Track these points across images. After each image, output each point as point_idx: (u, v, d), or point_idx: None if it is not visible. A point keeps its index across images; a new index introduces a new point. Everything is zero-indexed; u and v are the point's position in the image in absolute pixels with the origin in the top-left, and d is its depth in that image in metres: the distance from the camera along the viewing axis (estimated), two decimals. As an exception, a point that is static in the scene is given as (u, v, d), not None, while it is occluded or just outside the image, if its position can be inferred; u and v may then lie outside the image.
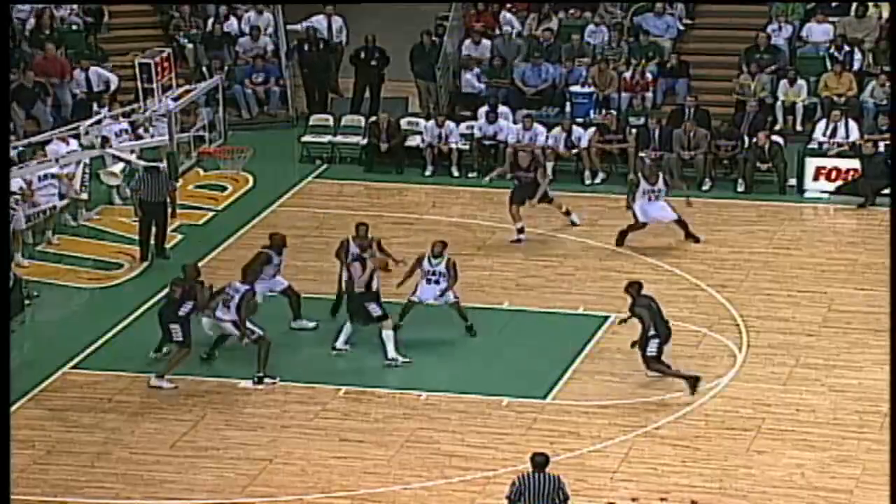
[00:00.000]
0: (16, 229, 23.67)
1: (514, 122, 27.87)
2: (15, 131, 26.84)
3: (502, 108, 28.19)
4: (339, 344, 21.15)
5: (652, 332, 19.77)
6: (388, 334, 20.82)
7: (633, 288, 20.21)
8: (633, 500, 17.71)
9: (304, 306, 21.86)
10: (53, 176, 24.38)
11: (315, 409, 19.96)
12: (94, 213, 26.09)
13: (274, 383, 20.45)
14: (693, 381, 19.73)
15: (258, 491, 18.11)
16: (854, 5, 29.46)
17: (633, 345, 20.12)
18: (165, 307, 20.80)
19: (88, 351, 21.60)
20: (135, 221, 24.81)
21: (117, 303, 23.10)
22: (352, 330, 21.09)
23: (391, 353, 20.76)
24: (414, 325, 21.51)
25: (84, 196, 25.41)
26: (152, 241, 24.33)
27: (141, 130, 25.68)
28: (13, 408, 19.99)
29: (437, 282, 21.26)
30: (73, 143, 25.06)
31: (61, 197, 24.79)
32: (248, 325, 20.38)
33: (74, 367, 21.19)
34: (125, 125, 25.90)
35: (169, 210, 24.31)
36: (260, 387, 20.41)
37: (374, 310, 20.77)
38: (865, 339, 21.39)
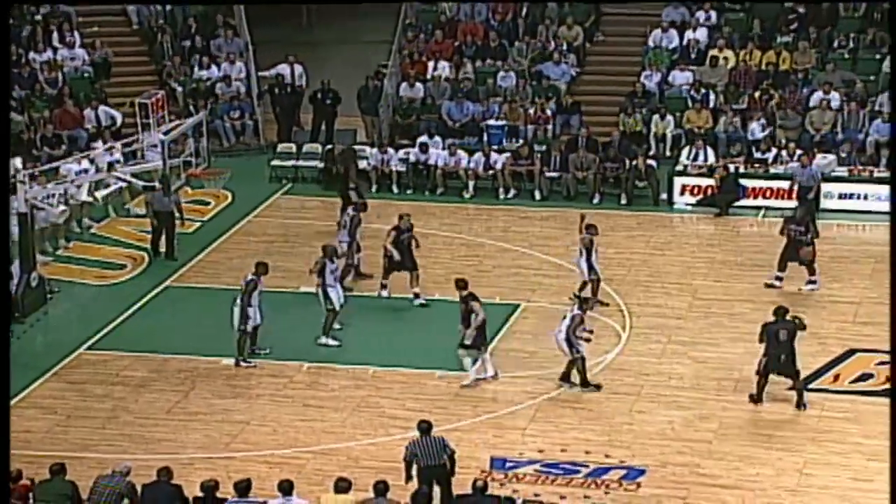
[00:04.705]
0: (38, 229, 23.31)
1: (443, 149, 27.86)
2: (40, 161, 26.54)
3: (435, 139, 28.16)
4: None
5: (763, 352, 18.36)
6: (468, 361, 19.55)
7: (777, 311, 18.63)
8: (540, 451, 17.73)
9: (274, 300, 21.64)
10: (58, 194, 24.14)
11: (284, 381, 19.86)
12: (102, 223, 25.79)
13: (252, 365, 20.21)
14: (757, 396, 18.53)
15: (238, 447, 18.02)
16: (708, 57, 29.62)
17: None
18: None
19: (100, 335, 21.39)
20: (140, 231, 24.78)
21: (122, 296, 22.85)
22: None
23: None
24: (367, 316, 21.41)
25: (90, 199, 25.02)
26: (162, 248, 24.22)
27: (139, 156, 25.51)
28: (39, 382, 19.86)
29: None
30: (85, 163, 24.95)
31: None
32: (247, 314, 19.99)
33: (88, 348, 20.99)
34: (118, 156, 25.62)
35: (177, 218, 24.21)
36: (243, 364, 20.21)
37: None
38: (722, 321, 21.49)
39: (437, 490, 15.71)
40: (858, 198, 25.79)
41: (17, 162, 22.14)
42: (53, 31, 30.62)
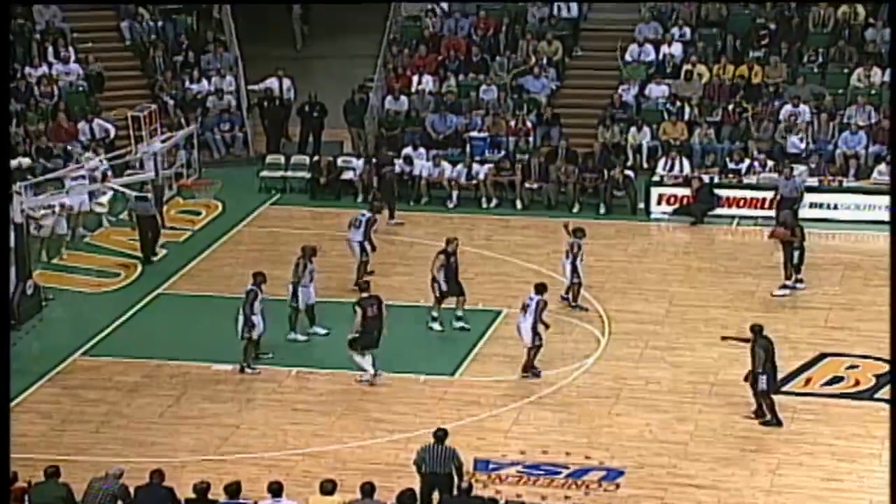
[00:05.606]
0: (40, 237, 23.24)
1: (427, 160, 27.80)
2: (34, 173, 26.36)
3: (420, 150, 28.09)
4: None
5: (761, 370, 17.90)
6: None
7: (756, 329, 18.18)
8: (522, 452, 17.70)
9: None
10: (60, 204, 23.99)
11: (273, 385, 19.78)
12: (96, 232, 25.65)
13: (257, 372, 20.06)
14: (775, 421, 18.12)
15: (229, 450, 17.94)
16: (683, 71, 29.64)
17: (745, 378, 18.21)
18: None
19: (94, 341, 21.28)
20: (132, 241, 24.69)
21: (116, 304, 22.73)
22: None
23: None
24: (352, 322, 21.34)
25: (94, 208, 24.82)
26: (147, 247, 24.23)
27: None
28: (35, 387, 19.74)
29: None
30: (84, 172, 24.87)
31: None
32: (251, 322, 19.76)
33: (83, 354, 20.88)
34: (106, 165, 25.51)
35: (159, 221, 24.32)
36: (248, 371, 20.00)
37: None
38: (698, 326, 21.47)
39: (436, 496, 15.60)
40: (828, 207, 25.86)
41: (24, 161, 22.08)
42: (49, 46, 30.53)
